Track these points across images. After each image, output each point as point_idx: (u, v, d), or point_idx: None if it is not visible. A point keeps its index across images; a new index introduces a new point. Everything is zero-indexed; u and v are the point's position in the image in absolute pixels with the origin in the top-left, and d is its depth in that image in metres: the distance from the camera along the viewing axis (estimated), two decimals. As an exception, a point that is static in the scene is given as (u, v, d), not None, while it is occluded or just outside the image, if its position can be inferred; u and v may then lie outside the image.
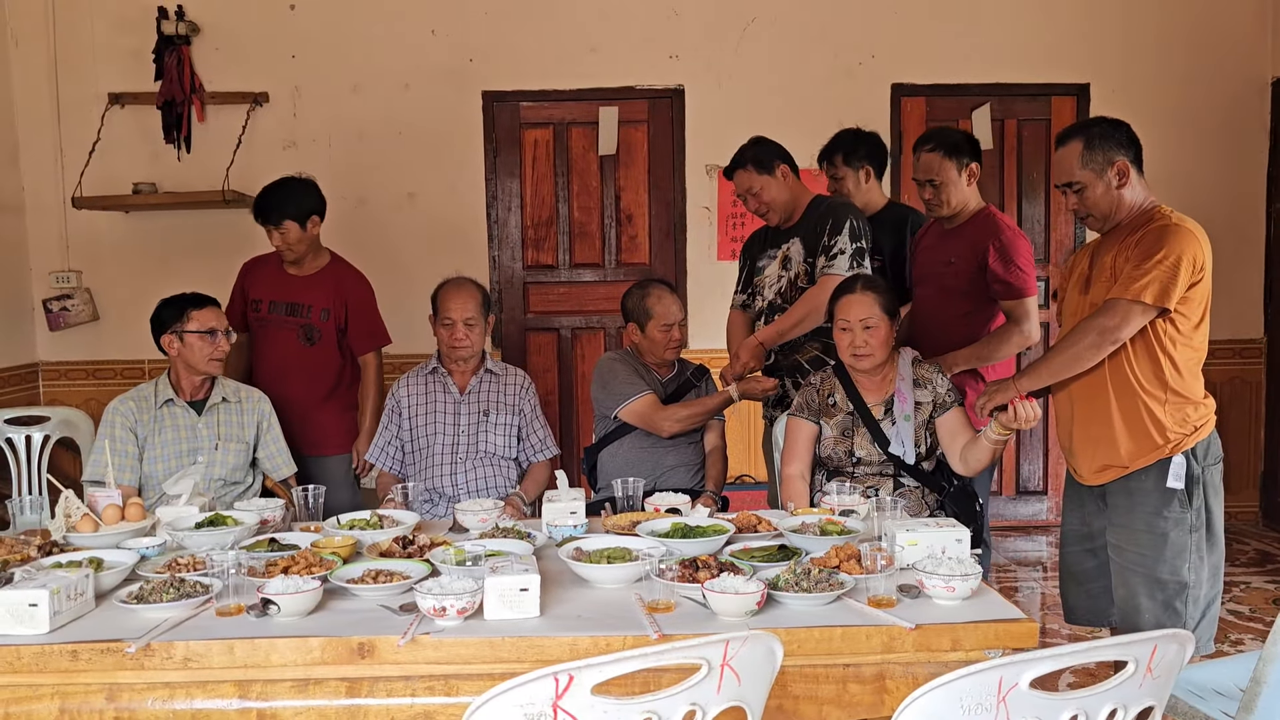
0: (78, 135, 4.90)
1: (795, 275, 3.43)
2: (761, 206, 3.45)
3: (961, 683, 1.27)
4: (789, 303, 3.43)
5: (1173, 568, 2.56)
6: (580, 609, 1.96)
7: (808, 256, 3.41)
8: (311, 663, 1.81)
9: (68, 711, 1.80)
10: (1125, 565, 2.63)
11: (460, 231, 5.10)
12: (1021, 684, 1.29)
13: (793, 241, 3.46)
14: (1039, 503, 5.42)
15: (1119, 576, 2.66)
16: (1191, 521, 2.55)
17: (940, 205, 3.30)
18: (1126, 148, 2.58)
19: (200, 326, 3.09)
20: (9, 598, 1.81)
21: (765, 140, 3.49)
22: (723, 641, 1.37)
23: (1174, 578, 2.56)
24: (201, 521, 2.44)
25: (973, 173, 3.28)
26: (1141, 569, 2.59)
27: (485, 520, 2.48)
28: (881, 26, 5.10)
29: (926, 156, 3.27)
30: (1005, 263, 3.21)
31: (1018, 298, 3.23)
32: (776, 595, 1.94)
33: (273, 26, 4.98)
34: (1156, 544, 2.57)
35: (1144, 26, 5.14)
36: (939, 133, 3.36)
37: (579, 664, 1.27)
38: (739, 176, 3.45)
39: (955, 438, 2.90)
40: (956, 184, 3.25)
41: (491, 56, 5.05)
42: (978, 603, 1.95)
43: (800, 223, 3.47)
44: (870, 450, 2.91)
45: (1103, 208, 2.60)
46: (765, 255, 3.56)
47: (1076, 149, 2.59)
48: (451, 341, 3.26)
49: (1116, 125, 2.62)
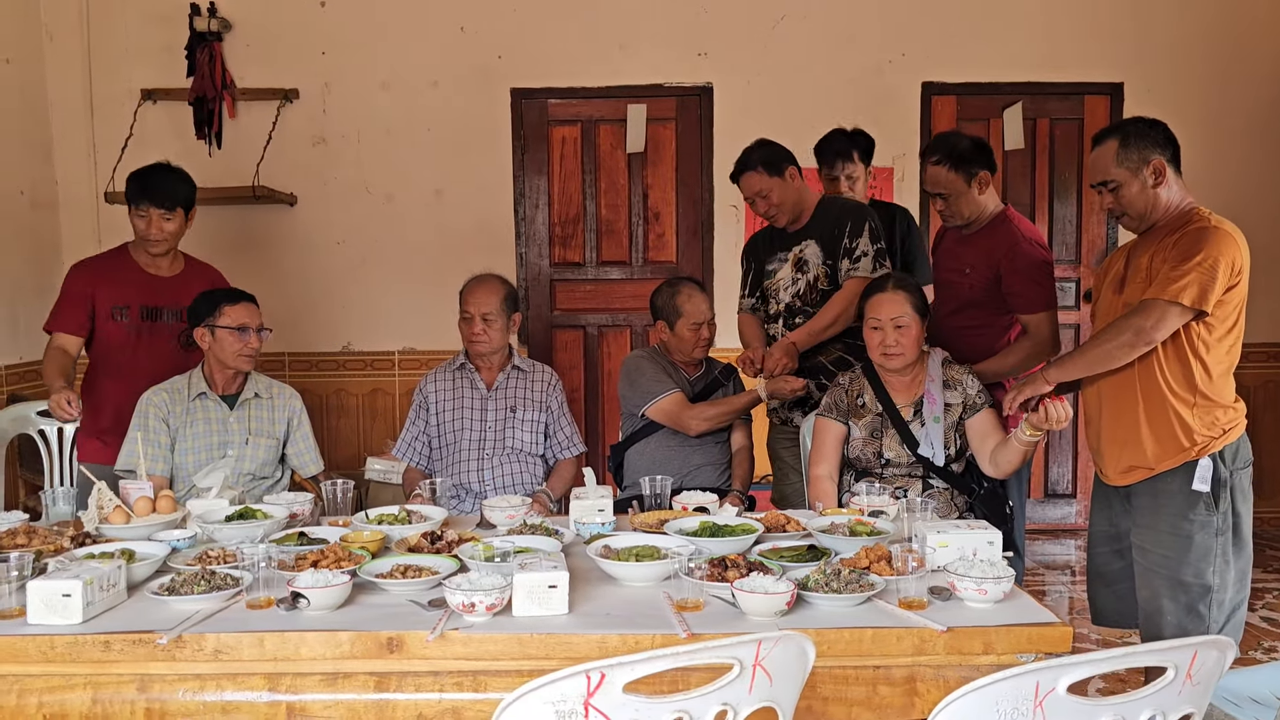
0: (110, 130, 4.95)
1: (814, 278, 3.40)
2: (771, 209, 3.41)
3: (997, 687, 1.26)
4: (809, 305, 3.40)
5: (1196, 571, 2.52)
6: (609, 607, 1.95)
7: (826, 259, 3.38)
8: (341, 656, 1.82)
9: (100, 701, 1.81)
10: (1149, 567, 2.60)
11: (488, 228, 5.11)
12: (1059, 689, 1.27)
13: (806, 244, 3.43)
14: (1068, 505, 5.36)
15: (1143, 578, 2.63)
16: (1217, 525, 2.52)
17: (953, 216, 3.24)
18: (1163, 147, 2.55)
19: (232, 322, 3.10)
20: (43, 588, 1.83)
21: (771, 142, 3.46)
22: (755, 641, 1.36)
23: (1198, 581, 2.53)
24: (231, 514, 2.45)
25: (983, 181, 3.16)
26: (1165, 571, 2.56)
27: (513, 517, 2.48)
28: (912, 24, 5.06)
29: (934, 170, 3.19)
30: (1019, 275, 3.11)
31: (1032, 311, 3.14)
32: (806, 595, 1.92)
33: (303, 23, 5.01)
34: (1181, 546, 2.53)
35: (1178, 25, 5.08)
36: (945, 143, 3.22)
37: (611, 662, 1.27)
38: (748, 179, 3.40)
39: (985, 439, 2.87)
40: (967, 195, 3.16)
41: (520, 54, 5.05)
42: (1010, 606, 1.93)
43: (813, 224, 3.44)
44: (899, 451, 2.89)
45: (1138, 207, 2.56)
46: (774, 258, 3.52)
47: (1113, 147, 2.56)
48: (470, 336, 3.27)
49: (1153, 124, 2.58)
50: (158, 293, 3.43)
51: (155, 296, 3.42)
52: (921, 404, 2.90)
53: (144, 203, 3.32)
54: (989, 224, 3.21)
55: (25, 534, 2.27)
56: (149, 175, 3.37)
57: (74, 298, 3.39)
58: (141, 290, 3.41)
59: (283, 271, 5.02)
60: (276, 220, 5.02)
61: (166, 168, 3.42)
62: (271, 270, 4.96)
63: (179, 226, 3.40)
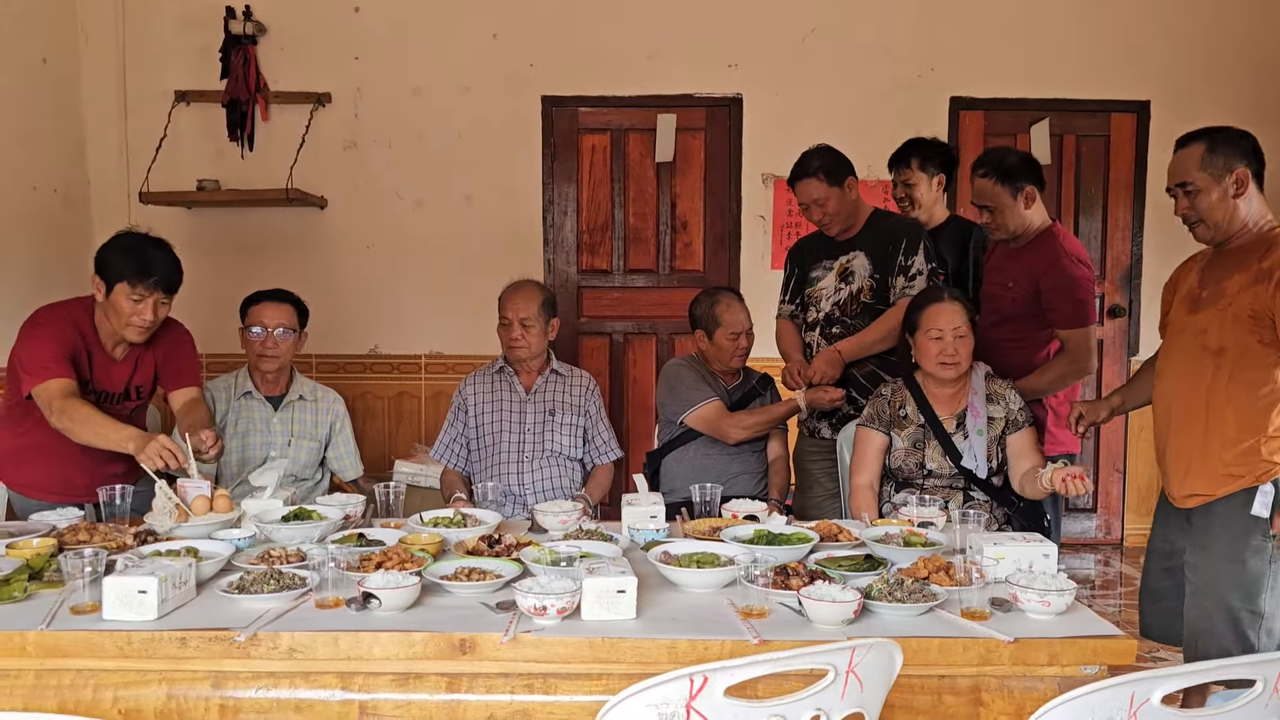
0: (143, 131, 4.97)
1: (859, 289, 3.39)
2: (825, 217, 3.39)
3: (1093, 697, 1.28)
4: (848, 316, 3.41)
5: (1248, 595, 2.51)
6: (673, 612, 1.97)
7: (874, 272, 3.37)
8: (413, 657, 1.83)
9: (174, 697, 1.83)
10: (1200, 587, 2.60)
11: (516, 235, 5.13)
12: (1153, 700, 1.30)
13: (855, 255, 3.42)
14: (1088, 520, 5.39)
15: (1193, 598, 2.62)
16: (1272, 552, 2.50)
17: (998, 229, 3.26)
18: (1250, 159, 2.52)
19: (252, 321, 3.12)
20: (120, 584, 1.85)
21: (834, 150, 3.41)
22: (849, 648, 1.37)
23: (1247, 606, 2.52)
24: (287, 515, 2.47)
25: (1029, 195, 3.18)
26: (1215, 594, 2.55)
27: (565, 521, 2.50)
28: (941, 39, 5.09)
29: (980, 182, 3.21)
30: (1058, 291, 3.13)
31: (1069, 326, 3.16)
32: (870, 605, 1.94)
33: (337, 28, 5.03)
34: (1234, 571, 2.53)
35: (1207, 45, 5.11)
36: (993, 156, 3.25)
37: (714, 666, 1.29)
38: (806, 186, 3.36)
39: (1021, 458, 2.89)
40: (1012, 209, 3.18)
41: (551, 62, 5.08)
42: (1071, 618, 1.95)
43: (863, 236, 3.42)
44: (941, 463, 2.91)
45: (1215, 216, 2.53)
46: (819, 265, 3.50)
47: (1198, 151, 2.53)
48: (509, 341, 3.29)
49: (1244, 135, 2.56)
50: (113, 379, 2.94)
51: (110, 382, 2.93)
52: (964, 416, 2.92)
53: (145, 283, 2.77)
54: (1035, 239, 3.23)
55: (87, 531, 2.29)
56: (150, 250, 2.83)
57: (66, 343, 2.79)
58: (100, 373, 2.90)
59: (312, 274, 5.02)
60: (307, 223, 5.05)
61: (162, 244, 2.89)
62: (300, 272, 4.96)
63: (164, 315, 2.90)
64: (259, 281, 3.55)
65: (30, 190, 4.56)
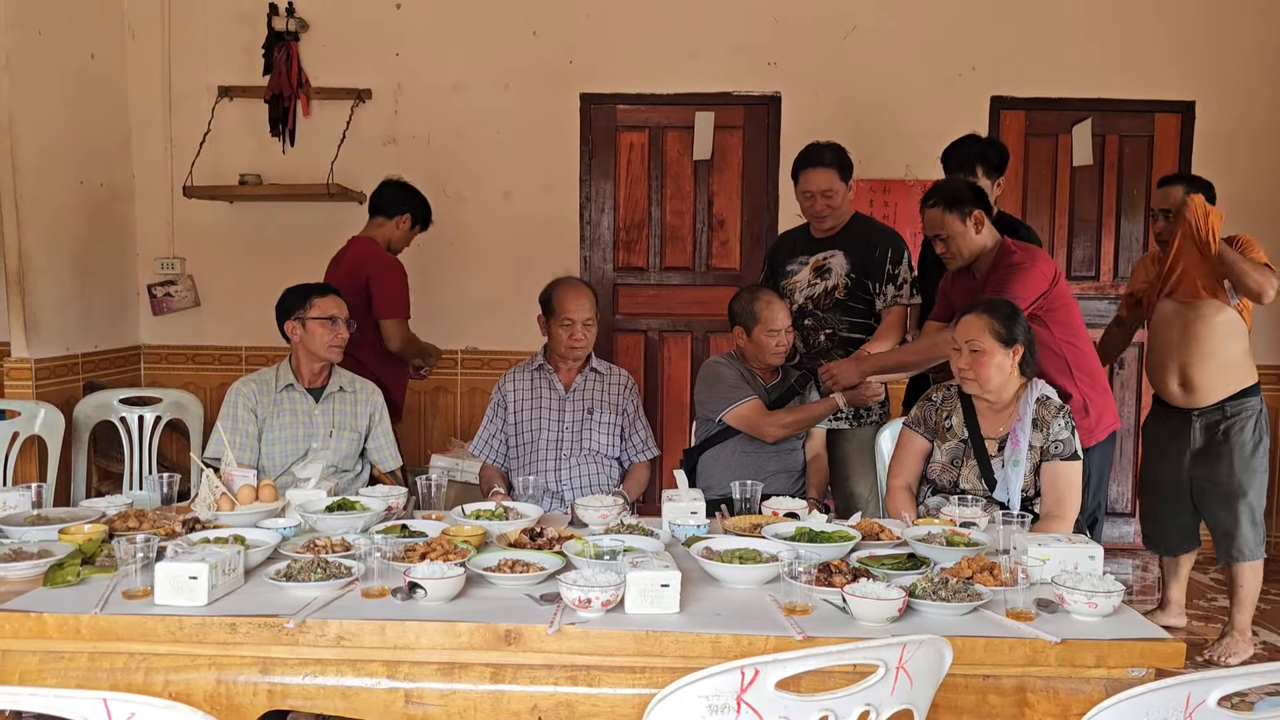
0: (187, 126, 5.03)
1: (833, 287, 3.57)
2: (826, 210, 3.54)
3: (1149, 697, 1.27)
4: (820, 309, 3.58)
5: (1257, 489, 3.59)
6: (716, 607, 1.97)
7: (852, 272, 3.54)
8: (459, 647, 1.85)
9: (224, 682, 1.85)
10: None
11: (553, 231, 5.15)
12: (1209, 701, 1.28)
13: (834, 253, 3.59)
14: (1126, 525, 5.32)
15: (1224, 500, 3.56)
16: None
17: (953, 257, 3.32)
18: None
19: (322, 313, 3.16)
20: (171, 569, 1.88)
21: (844, 149, 3.59)
22: (899, 644, 1.37)
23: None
24: (330, 505, 2.50)
25: (978, 220, 3.25)
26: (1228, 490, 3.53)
27: (606, 516, 2.50)
28: (982, 38, 5.05)
29: (930, 213, 3.31)
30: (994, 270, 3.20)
31: (999, 292, 3.10)
32: (915, 603, 1.93)
33: (378, 25, 5.07)
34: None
35: (1252, 45, 5.03)
36: (940, 186, 3.35)
37: (765, 659, 1.29)
38: (819, 174, 3.51)
39: (1049, 490, 2.79)
40: (964, 235, 3.26)
41: (591, 59, 5.09)
42: (1118, 621, 1.94)
43: (844, 237, 3.58)
44: (976, 484, 2.83)
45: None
46: (795, 260, 3.68)
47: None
48: (570, 341, 3.29)
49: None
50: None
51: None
52: (1006, 441, 2.83)
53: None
54: (993, 260, 3.26)
55: (136, 517, 2.33)
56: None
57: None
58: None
59: (351, 269, 5.07)
60: (347, 218, 5.07)
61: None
62: (340, 267, 5.01)
63: None
64: (299, 275, 3.58)
65: (77, 184, 4.63)
